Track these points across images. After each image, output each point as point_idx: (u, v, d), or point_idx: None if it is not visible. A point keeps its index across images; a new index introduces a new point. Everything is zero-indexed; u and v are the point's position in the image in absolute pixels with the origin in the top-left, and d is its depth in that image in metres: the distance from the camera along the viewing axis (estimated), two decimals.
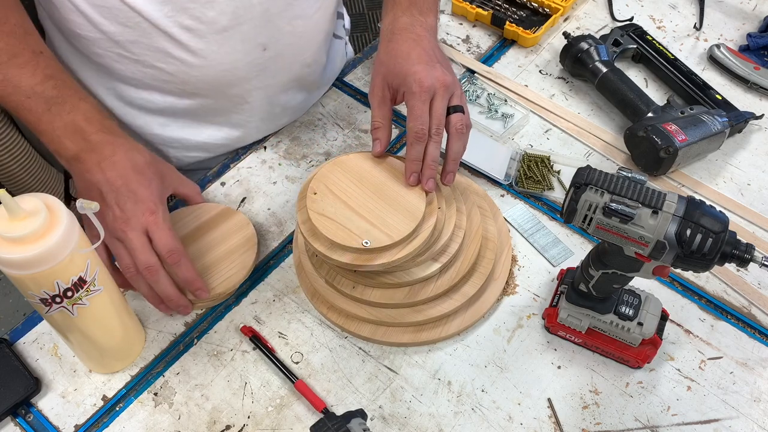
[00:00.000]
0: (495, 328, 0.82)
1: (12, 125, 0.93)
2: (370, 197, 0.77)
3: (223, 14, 0.82)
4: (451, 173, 0.80)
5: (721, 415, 0.75)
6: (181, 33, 0.82)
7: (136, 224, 0.74)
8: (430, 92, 0.77)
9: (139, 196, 0.75)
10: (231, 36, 0.84)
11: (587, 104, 1.05)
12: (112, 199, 0.75)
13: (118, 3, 0.79)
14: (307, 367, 0.79)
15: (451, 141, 0.79)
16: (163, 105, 0.92)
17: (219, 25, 0.83)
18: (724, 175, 0.96)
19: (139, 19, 0.80)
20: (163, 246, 0.75)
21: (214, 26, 0.83)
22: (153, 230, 0.75)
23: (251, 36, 0.86)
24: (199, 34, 0.83)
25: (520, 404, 0.76)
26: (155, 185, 0.78)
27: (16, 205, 0.59)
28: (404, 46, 0.82)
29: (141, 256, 0.74)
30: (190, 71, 0.86)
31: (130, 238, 0.74)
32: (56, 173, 1.06)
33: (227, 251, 0.85)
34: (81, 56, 0.89)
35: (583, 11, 1.19)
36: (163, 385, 0.78)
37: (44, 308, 0.66)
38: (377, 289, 0.79)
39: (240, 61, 0.87)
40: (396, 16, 0.86)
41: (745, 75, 1.06)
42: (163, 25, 0.81)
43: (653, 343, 0.77)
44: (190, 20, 0.81)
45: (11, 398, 0.75)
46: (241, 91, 0.92)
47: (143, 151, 0.80)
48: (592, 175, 0.65)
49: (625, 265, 0.69)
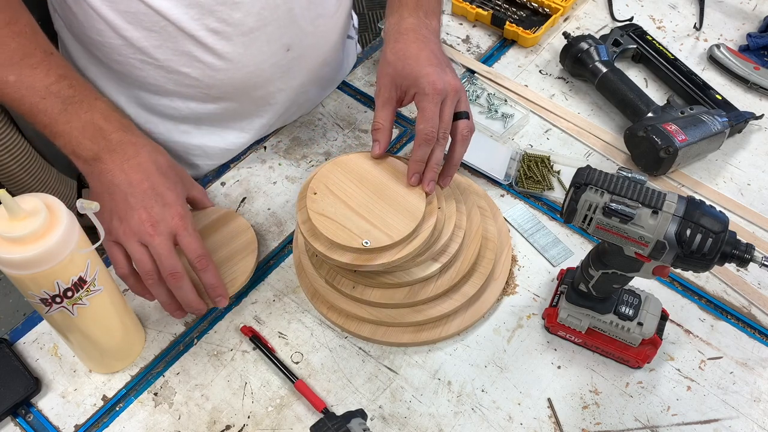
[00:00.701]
0: (495, 328, 0.82)
1: (12, 125, 0.92)
2: (370, 197, 0.77)
3: (249, 15, 0.82)
4: (450, 177, 0.80)
5: (721, 415, 0.75)
6: (207, 36, 0.82)
7: (164, 229, 0.73)
8: (442, 95, 0.77)
9: (167, 199, 0.74)
10: (257, 38, 0.84)
11: (587, 104, 1.05)
12: (137, 202, 0.73)
13: (144, 8, 0.78)
14: (307, 367, 0.79)
15: (455, 146, 0.80)
16: (186, 112, 0.91)
17: (245, 27, 0.83)
18: (724, 175, 0.96)
19: (165, 23, 0.80)
20: (193, 251, 0.74)
21: (240, 28, 0.83)
22: (182, 235, 0.74)
23: (276, 37, 0.86)
24: (226, 37, 0.83)
25: (520, 404, 0.76)
26: (179, 188, 0.77)
27: (16, 205, 0.59)
28: (413, 47, 0.81)
29: (167, 261, 0.72)
30: (215, 75, 0.86)
31: (156, 243, 0.72)
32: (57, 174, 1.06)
33: (228, 255, 0.84)
34: (100, 64, 0.88)
35: (583, 11, 1.19)
36: (163, 385, 0.78)
37: (44, 308, 0.66)
38: (377, 289, 0.79)
39: (265, 63, 0.87)
40: (402, 16, 0.85)
41: (745, 75, 1.06)
42: (190, 28, 0.81)
43: (653, 343, 0.77)
44: (216, 23, 0.81)
45: (11, 398, 0.75)
46: (264, 93, 0.92)
47: (163, 152, 0.79)
48: (592, 175, 0.65)
49: (625, 265, 0.69)
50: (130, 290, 0.77)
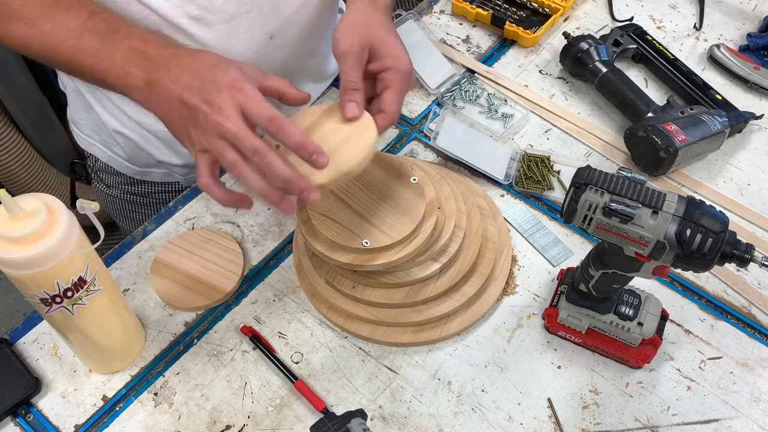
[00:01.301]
0: (495, 328, 0.82)
1: (12, 125, 0.92)
2: (370, 197, 0.77)
3: (230, 1, 0.82)
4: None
5: (721, 415, 0.75)
6: (188, 23, 0.82)
7: (229, 110, 0.66)
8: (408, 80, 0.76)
9: (220, 83, 0.68)
10: (238, 24, 0.84)
11: (587, 104, 1.05)
12: (196, 100, 0.67)
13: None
14: (307, 367, 0.79)
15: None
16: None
17: (226, 14, 0.83)
18: (724, 175, 0.96)
19: (147, 11, 0.80)
20: (261, 115, 0.66)
21: (221, 15, 0.83)
22: (246, 105, 0.67)
23: (258, 24, 0.86)
24: (207, 24, 0.83)
25: (520, 404, 0.76)
26: (233, 70, 0.70)
27: (16, 205, 0.59)
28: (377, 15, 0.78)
29: (245, 140, 0.65)
30: None
31: (228, 127, 0.65)
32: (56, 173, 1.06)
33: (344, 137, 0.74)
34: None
35: (583, 11, 1.18)
36: (163, 385, 0.78)
37: (44, 308, 0.66)
38: (377, 289, 0.79)
39: (247, 51, 0.87)
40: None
41: (745, 75, 1.06)
42: (171, 16, 0.81)
43: (653, 343, 0.77)
44: (197, 10, 0.82)
45: (11, 398, 0.75)
46: None
47: (210, 52, 0.73)
48: (592, 175, 0.65)
49: (625, 265, 0.69)
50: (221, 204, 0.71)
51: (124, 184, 1.11)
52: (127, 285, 0.86)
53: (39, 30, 0.73)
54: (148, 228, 0.91)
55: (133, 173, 1.09)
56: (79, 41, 0.72)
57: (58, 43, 0.73)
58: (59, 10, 0.73)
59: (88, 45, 0.72)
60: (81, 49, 0.72)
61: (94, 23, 0.73)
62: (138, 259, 0.88)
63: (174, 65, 0.70)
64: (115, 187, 1.13)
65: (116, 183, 1.12)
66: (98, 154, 1.08)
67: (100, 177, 1.13)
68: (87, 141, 1.07)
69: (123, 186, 1.12)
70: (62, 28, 0.73)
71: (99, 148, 1.06)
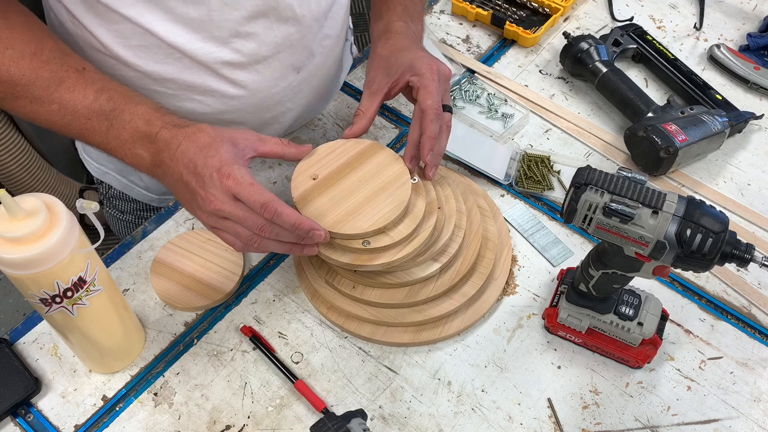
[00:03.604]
0: (495, 328, 0.82)
1: (12, 125, 0.92)
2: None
3: (263, 45, 0.82)
4: (434, 167, 0.81)
5: (721, 415, 0.75)
6: (222, 67, 0.82)
7: (223, 197, 0.69)
8: (438, 74, 0.80)
9: (210, 166, 0.70)
10: (269, 64, 0.85)
11: (587, 104, 1.05)
12: (194, 185, 0.71)
13: (158, 41, 0.78)
14: (307, 367, 0.79)
15: (442, 136, 0.81)
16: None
17: (259, 56, 0.83)
18: (724, 175, 0.96)
19: (180, 54, 0.80)
20: (254, 203, 0.69)
21: (254, 57, 0.83)
22: (236, 192, 0.69)
23: (288, 62, 0.87)
24: (240, 67, 0.83)
25: (520, 404, 0.76)
26: (224, 151, 0.72)
27: (16, 205, 0.59)
28: (404, 42, 0.84)
29: (249, 220, 0.70)
30: (229, 101, 0.86)
31: (228, 211, 0.69)
32: (56, 173, 1.06)
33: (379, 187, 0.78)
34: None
35: (583, 11, 1.19)
36: (163, 385, 0.78)
37: (44, 308, 0.66)
38: (377, 289, 0.79)
39: (276, 86, 0.88)
40: (391, 20, 0.88)
41: (745, 75, 1.06)
42: (206, 60, 0.81)
43: (653, 343, 0.77)
44: (231, 54, 0.81)
45: (11, 398, 0.75)
46: (274, 113, 0.92)
47: (207, 128, 0.74)
48: (592, 175, 0.65)
49: (625, 265, 0.69)
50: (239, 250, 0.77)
51: (139, 210, 1.10)
52: (127, 285, 0.86)
53: (46, 110, 0.74)
54: (148, 228, 0.91)
55: (150, 200, 1.08)
56: (86, 122, 0.74)
57: (65, 123, 0.75)
58: (65, 90, 0.74)
59: (95, 126, 0.74)
60: (88, 129, 0.75)
61: (101, 104, 0.74)
62: (138, 259, 0.88)
63: (174, 147, 0.73)
64: (129, 213, 1.12)
65: (131, 209, 1.11)
66: (113, 182, 1.07)
67: (114, 204, 1.12)
68: (100, 170, 1.06)
69: (138, 212, 1.11)
70: (69, 110, 0.74)
71: (114, 177, 1.05)
